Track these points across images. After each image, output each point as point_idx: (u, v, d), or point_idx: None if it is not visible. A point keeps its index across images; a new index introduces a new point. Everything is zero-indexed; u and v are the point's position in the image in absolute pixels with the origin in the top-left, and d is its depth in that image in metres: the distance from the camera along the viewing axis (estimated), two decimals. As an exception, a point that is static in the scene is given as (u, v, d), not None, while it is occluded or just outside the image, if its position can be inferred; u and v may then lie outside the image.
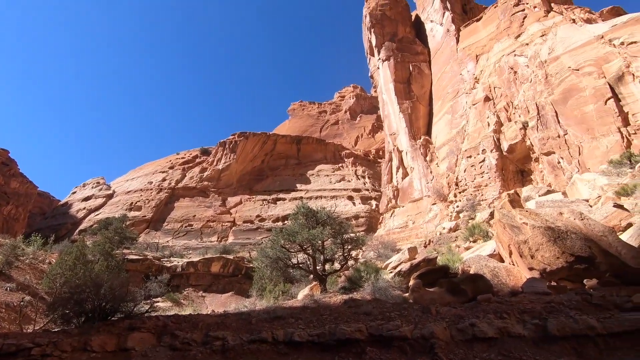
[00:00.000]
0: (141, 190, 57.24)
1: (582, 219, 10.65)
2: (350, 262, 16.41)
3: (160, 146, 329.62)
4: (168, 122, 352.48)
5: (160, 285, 28.13)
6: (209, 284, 33.42)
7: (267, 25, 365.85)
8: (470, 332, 7.04)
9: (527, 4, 39.81)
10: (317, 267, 14.35)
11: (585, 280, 9.51)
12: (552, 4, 39.18)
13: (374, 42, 56.28)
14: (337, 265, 15.57)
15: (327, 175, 60.52)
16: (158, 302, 24.59)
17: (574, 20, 34.40)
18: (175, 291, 30.03)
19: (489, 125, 35.46)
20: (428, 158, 44.15)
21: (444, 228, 30.94)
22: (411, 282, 10.73)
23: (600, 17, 36.09)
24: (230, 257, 35.96)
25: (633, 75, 25.70)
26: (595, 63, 28.02)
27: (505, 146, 33.01)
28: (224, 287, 33.12)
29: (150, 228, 51.84)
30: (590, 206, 15.72)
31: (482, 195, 33.04)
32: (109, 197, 58.06)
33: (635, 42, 26.72)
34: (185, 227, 52.08)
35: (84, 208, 56.41)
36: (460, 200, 34.66)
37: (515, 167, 33.52)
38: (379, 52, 55.16)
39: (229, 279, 34.20)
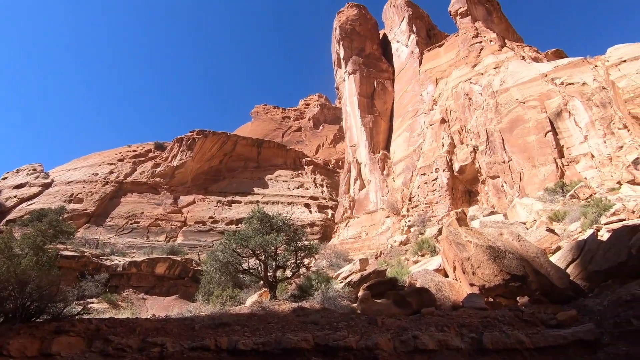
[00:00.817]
0: (84, 181, 53.26)
1: (519, 240, 11.49)
2: (302, 270, 16.36)
3: (110, 137, 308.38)
4: (119, 112, 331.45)
5: (97, 285, 26.17)
6: (152, 285, 31.63)
7: (235, 23, 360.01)
8: (412, 344, 7.27)
9: (484, 37, 42.86)
10: (268, 274, 14.14)
11: (518, 298, 10.22)
12: (506, 41, 42.56)
13: (342, 55, 57.45)
14: (288, 273, 15.45)
15: (286, 181, 60.27)
16: (93, 303, 22.86)
17: (523, 57, 37.54)
18: (114, 292, 28.08)
19: (443, 145, 37.37)
20: (385, 172, 45.52)
21: (395, 241, 31.90)
22: (360, 293, 10.92)
23: (545, 57, 39.73)
24: (178, 258, 34.38)
25: (569, 112, 28.46)
26: (539, 98, 30.69)
27: (456, 167, 34.91)
28: (168, 290, 31.53)
29: (91, 223, 48.25)
30: (527, 228, 17.03)
31: (433, 211, 34.58)
32: (46, 186, 53.35)
33: (572, 84, 29.67)
34: (131, 224, 49.12)
35: (15, 196, 51.28)
36: (412, 215, 36.01)
37: (464, 187, 35.53)
38: (346, 65, 56.36)
39: (174, 282, 32.63)
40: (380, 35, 63.23)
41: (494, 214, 26.97)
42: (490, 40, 42.15)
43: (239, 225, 47.57)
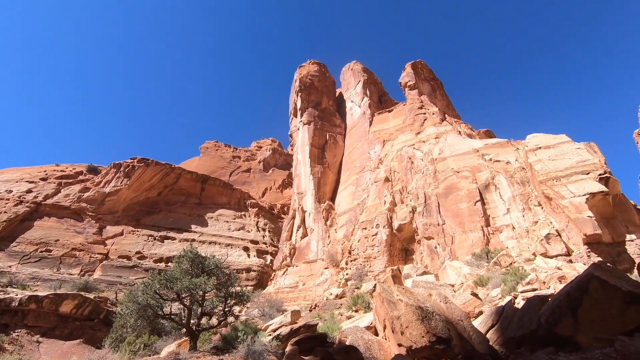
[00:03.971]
0: (-7, 198, 46.82)
1: (446, 303, 11.91)
2: (231, 319, 15.28)
3: (34, 152, 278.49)
4: (50, 126, 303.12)
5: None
6: (53, 326, 27.37)
7: (197, 53, 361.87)
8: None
9: (428, 110, 47.44)
10: (192, 321, 12.99)
11: (442, 361, 10.35)
12: (446, 115, 47.43)
13: (298, 105, 59.77)
14: (214, 321, 14.33)
15: (227, 222, 58.12)
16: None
17: (460, 132, 41.86)
18: (1, 332, 23.80)
19: (385, 203, 39.07)
20: (329, 222, 45.97)
21: (331, 294, 31.48)
22: (288, 348, 10.37)
23: (477, 135, 44.69)
24: (91, 296, 30.55)
25: (496, 186, 31.64)
26: (471, 170, 33.92)
27: (396, 225, 36.37)
28: (71, 333, 27.45)
29: (-10, 246, 41.75)
30: (454, 291, 17.82)
31: (371, 266, 35.08)
32: (-57, 198, 45.96)
33: (498, 161, 33.38)
34: (41, 252, 43.28)
35: None
36: (350, 269, 36.13)
37: (402, 245, 36.84)
38: (301, 115, 58.49)
39: (81, 323, 28.58)
40: (337, 93, 67.35)
41: (426, 274, 28.02)
42: (433, 113, 46.74)
43: (169, 264, 44.15)
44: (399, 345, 10.89)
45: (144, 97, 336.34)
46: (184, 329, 13.47)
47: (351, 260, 37.58)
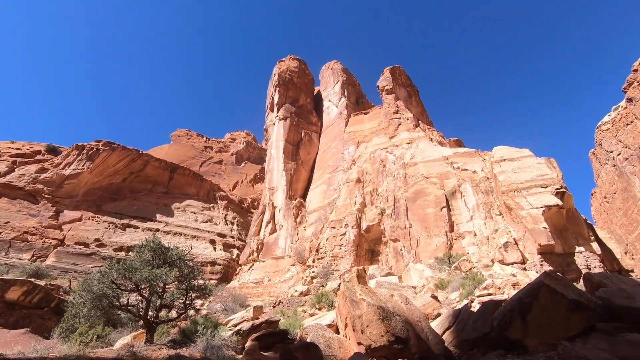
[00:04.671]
0: (-63, 173, 43.24)
1: (407, 304, 12.23)
2: (191, 313, 14.93)
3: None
4: (6, 104, 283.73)
5: None
6: (-4, 314, 25.64)
7: (174, 41, 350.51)
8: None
9: (403, 115, 48.40)
10: (150, 313, 12.58)
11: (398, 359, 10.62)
12: (420, 122, 48.58)
13: (275, 100, 59.23)
14: (174, 314, 13.94)
15: (195, 213, 56.71)
16: None
17: (431, 139, 43.02)
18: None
19: (355, 203, 39.52)
20: (298, 220, 45.93)
21: (296, 291, 31.50)
22: (248, 344, 10.28)
23: (448, 143, 46.13)
24: (42, 283, 28.85)
25: (461, 193, 32.79)
26: (440, 177, 34.96)
27: (364, 225, 36.89)
28: (18, 322, 25.83)
29: None
30: (416, 293, 18.32)
31: (337, 265, 35.40)
32: None
33: (466, 170, 34.60)
34: (-11, 234, 40.46)
35: None
36: (317, 267, 36.31)
37: (369, 246, 37.43)
38: (278, 110, 58.01)
39: (29, 312, 26.93)
40: (315, 91, 67.32)
41: (390, 275, 28.63)
42: (408, 119, 47.75)
43: (130, 253, 42.51)
44: (359, 343, 11.07)
45: (112, 78, 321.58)
46: (141, 321, 13.02)
47: (318, 259, 37.77)
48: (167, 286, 13.34)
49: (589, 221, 32.64)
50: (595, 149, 52.58)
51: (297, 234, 44.41)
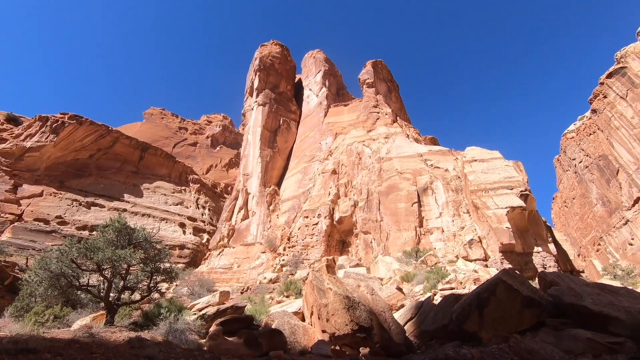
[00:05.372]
0: None
1: (372, 294, 12.53)
2: (156, 296, 14.63)
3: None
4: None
5: None
6: (-57, 290, 24.08)
7: (147, 14, 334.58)
8: (252, 389, 7.00)
9: (382, 109, 48.81)
10: (111, 295, 12.22)
11: (361, 348, 10.91)
12: (398, 118, 49.18)
13: (255, 85, 58.14)
14: (137, 296, 13.61)
15: (165, 195, 55.21)
16: None
17: (408, 136, 43.73)
18: None
19: (329, 194, 39.78)
20: (271, 207, 45.75)
21: (265, 278, 31.53)
22: (212, 329, 10.22)
23: (424, 141, 47.05)
24: (-5, 259, 27.32)
25: (433, 190, 33.68)
26: (413, 173, 35.70)
27: (337, 217, 37.26)
28: (-33, 299, 24.41)
29: None
30: (382, 284, 18.78)
31: (307, 254, 35.67)
32: None
33: (438, 168, 35.49)
34: (-63, 205, 37.77)
35: None
36: (287, 255, 36.44)
37: (340, 237, 37.90)
38: (257, 95, 57.02)
39: (-21, 289, 25.49)
40: (296, 79, 66.56)
41: (359, 266, 29.18)
42: (386, 114, 48.23)
43: (94, 232, 40.98)
44: (323, 331, 11.27)
45: (83, 49, 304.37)
46: (102, 303, 12.64)
47: (289, 247, 37.90)
48: (131, 268, 12.98)
49: (549, 223, 34.47)
50: (560, 156, 55.32)
51: (270, 221, 44.27)
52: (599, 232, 44.20)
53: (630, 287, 15.77)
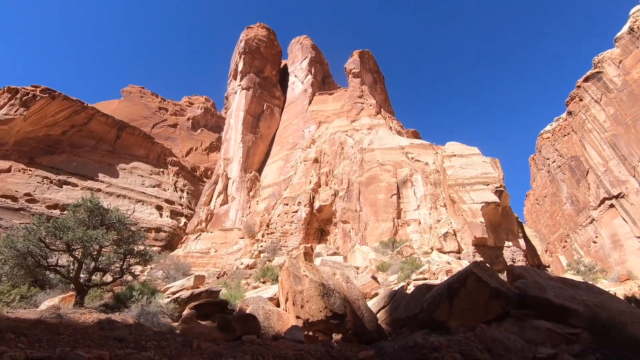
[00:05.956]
0: None
1: (347, 282, 12.73)
2: (129, 278, 14.37)
3: None
4: None
5: None
6: None
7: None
8: (223, 372, 7.02)
9: (366, 100, 48.86)
10: (82, 276, 11.92)
11: (334, 334, 11.11)
12: (382, 110, 49.38)
13: (240, 68, 56.92)
14: (109, 278, 13.33)
15: (142, 176, 53.82)
16: None
17: (391, 128, 44.04)
18: None
19: (310, 182, 39.80)
20: (251, 193, 45.43)
21: (242, 263, 31.47)
22: (185, 312, 10.16)
23: (406, 134, 47.53)
24: (-43, 236, 26.09)
25: (412, 183, 34.21)
26: (394, 165, 36.11)
27: (317, 205, 37.40)
28: None
29: None
30: (358, 273, 19.09)
31: (286, 241, 35.77)
32: None
33: (419, 161, 36.02)
34: None
35: None
36: (266, 241, 36.44)
37: (319, 225, 38.13)
38: (241, 79, 55.90)
39: (-61, 266, 24.34)
40: (282, 65, 65.53)
41: (336, 254, 29.52)
42: (370, 105, 48.33)
43: (65, 212, 39.67)
44: (297, 317, 11.40)
45: (57, 19, 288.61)
46: (72, 284, 12.31)
47: (268, 234, 37.87)
48: (103, 249, 12.67)
49: (520, 219, 35.75)
50: (535, 155, 57.10)
51: (249, 207, 44.00)
52: (567, 229, 46.22)
53: (590, 282, 16.65)
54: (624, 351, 7.21)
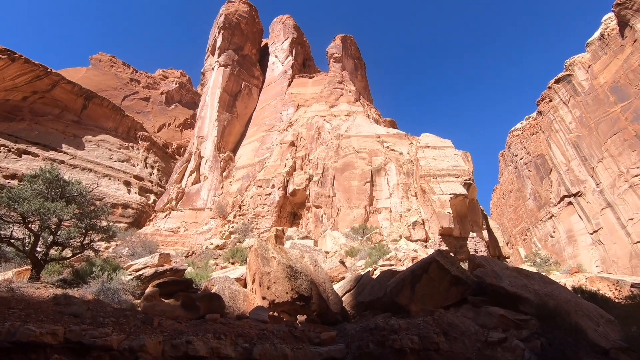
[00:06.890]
0: None
1: (315, 266, 12.89)
2: (90, 253, 13.89)
3: None
4: None
5: None
6: None
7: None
8: (184, 349, 6.98)
9: (346, 86, 48.65)
10: (38, 249, 11.40)
11: (298, 316, 11.29)
12: (361, 97, 49.38)
13: (218, 43, 54.98)
14: (69, 253, 12.84)
15: (110, 150, 51.59)
16: None
17: (368, 116, 44.21)
18: None
19: (285, 166, 39.56)
20: (225, 174, 44.69)
21: (211, 244, 31.15)
22: (148, 289, 9.97)
23: (383, 122, 47.89)
24: None
25: (386, 172, 34.72)
26: (369, 153, 36.43)
27: (291, 189, 37.33)
28: None
29: None
30: (327, 257, 19.36)
31: (258, 224, 35.63)
32: None
33: (394, 150, 36.50)
34: None
35: None
36: (237, 223, 36.13)
37: (292, 209, 38.16)
38: (219, 55, 54.09)
39: None
40: (262, 43, 63.84)
41: (307, 238, 29.73)
42: (350, 91, 48.19)
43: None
44: (264, 298, 11.47)
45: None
46: (28, 258, 11.76)
47: (240, 215, 37.55)
48: (63, 223, 12.13)
49: (486, 212, 37.22)
50: (505, 151, 59.24)
51: (222, 187, 43.33)
52: (528, 223, 48.69)
53: (544, 274, 17.67)
54: (566, 337, 7.76)
